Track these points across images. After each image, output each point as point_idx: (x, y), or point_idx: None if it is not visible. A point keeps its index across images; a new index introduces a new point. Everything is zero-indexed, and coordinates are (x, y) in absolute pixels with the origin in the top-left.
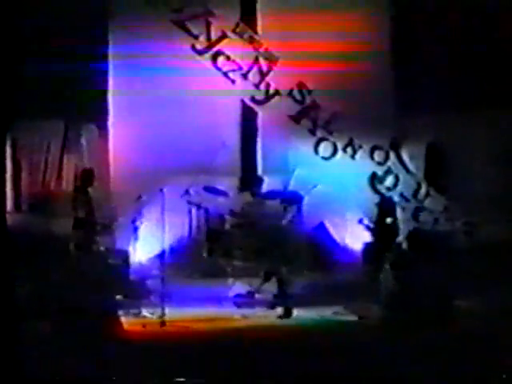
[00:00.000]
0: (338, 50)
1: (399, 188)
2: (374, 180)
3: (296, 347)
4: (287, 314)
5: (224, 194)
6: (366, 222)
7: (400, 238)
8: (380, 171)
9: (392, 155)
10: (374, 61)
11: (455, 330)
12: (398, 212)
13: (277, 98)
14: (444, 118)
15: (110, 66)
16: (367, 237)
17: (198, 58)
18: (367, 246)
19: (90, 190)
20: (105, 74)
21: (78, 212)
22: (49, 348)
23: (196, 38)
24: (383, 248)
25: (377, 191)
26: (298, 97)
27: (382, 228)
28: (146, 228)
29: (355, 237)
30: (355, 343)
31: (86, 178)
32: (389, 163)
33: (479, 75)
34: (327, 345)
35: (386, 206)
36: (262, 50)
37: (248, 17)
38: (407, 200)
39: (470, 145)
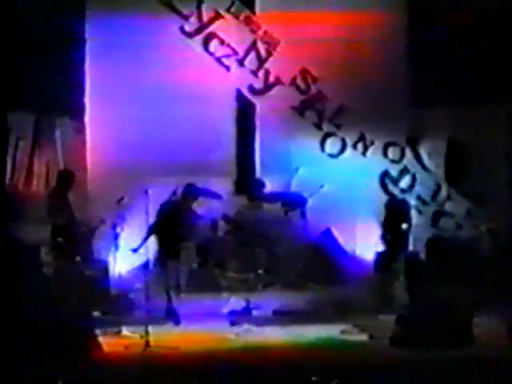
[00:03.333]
0: (347, 33)
1: (416, 189)
2: (385, 179)
3: (299, 370)
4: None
5: (217, 196)
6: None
7: (417, 247)
8: (395, 170)
9: (408, 152)
10: (388, 45)
11: (478, 351)
12: (415, 217)
13: (277, 87)
14: (468, 109)
15: (88, 51)
16: (380, 245)
17: (187, 41)
18: (380, 255)
19: (68, 193)
20: (81, 59)
21: (56, 219)
22: (18, 371)
23: (185, 18)
24: (398, 258)
25: (388, 192)
26: (302, 86)
27: (396, 235)
28: (128, 235)
29: (366, 245)
30: (365, 366)
31: (64, 180)
32: (405, 161)
33: (507, 62)
34: (334, 367)
35: (399, 210)
36: (260, 32)
37: None
38: (425, 203)
39: (496, 140)
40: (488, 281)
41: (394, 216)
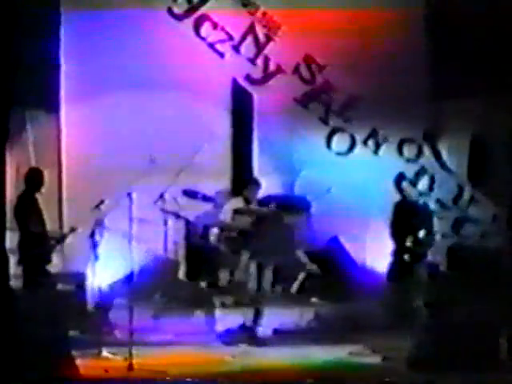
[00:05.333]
0: (357, 15)
1: (435, 192)
2: (402, 181)
3: None
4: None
5: (210, 199)
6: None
7: (437, 257)
8: (411, 170)
9: (426, 150)
10: (404, 29)
11: (505, 375)
12: (434, 223)
13: (278, 76)
14: (494, 102)
15: (63, 36)
16: (394, 255)
17: (176, 24)
18: (394, 267)
19: (37, 195)
20: (56, 45)
21: (25, 225)
22: None
23: None
24: (414, 270)
25: (405, 196)
26: (306, 75)
27: (412, 244)
28: (108, 244)
29: (378, 255)
30: None
31: (33, 180)
32: (422, 160)
33: None
34: None
35: (415, 214)
36: (258, 14)
37: None
38: (446, 207)
39: None
40: None
41: (410, 220)
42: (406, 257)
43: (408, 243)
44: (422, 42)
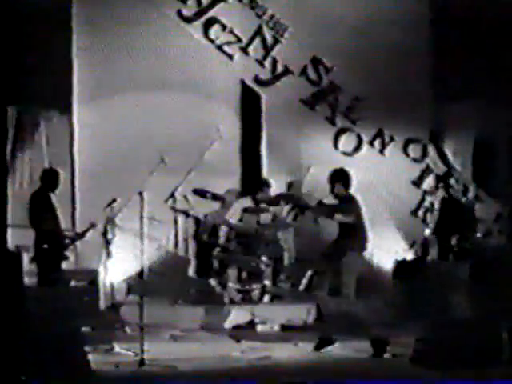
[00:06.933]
0: (363, 17)
1: (440, 191)
2: (449, 178)
3: None
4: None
5: (219, 198)
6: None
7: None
8: (416, 170)
9: (431, 150)
10: (410, 30)
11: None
12: None
13: (286, 77)
14: (497, 102)
15: (74, 37)
16: (400, 252)
17: (185, 26)
18: (399, 264)
19: (51, 195)
20: (67, 46)
21: (40, 223)
22: None
23: (183, 1)
24: (420, 267)
25: (450, 194)
26: (313, 76)
27: (457, 242)
28: (120, 242)
29: (384, 253)
30: None
31: (48, 180)
32: (427, 160)
33: None
34: None
35: (464, 213)
36: (266, 16)
37: None
38: None
39: None
40: None
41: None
42: (450, 256)
43: (453, 241)
44: (427, 43)
